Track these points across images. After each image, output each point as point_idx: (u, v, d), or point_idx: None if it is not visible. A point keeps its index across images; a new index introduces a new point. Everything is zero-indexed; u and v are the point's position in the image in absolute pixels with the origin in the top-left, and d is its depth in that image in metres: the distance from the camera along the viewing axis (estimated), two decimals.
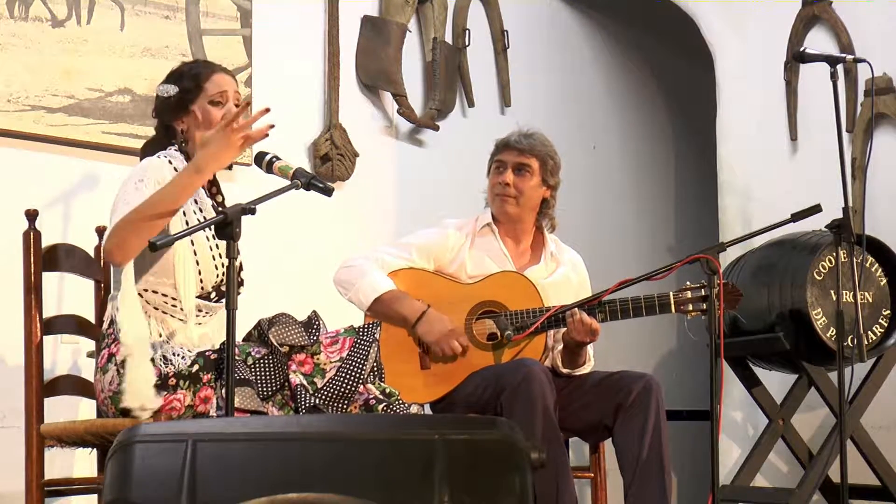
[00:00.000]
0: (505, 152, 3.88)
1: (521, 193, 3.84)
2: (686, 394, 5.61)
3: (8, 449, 3.78)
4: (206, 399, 3.02)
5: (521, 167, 3.84)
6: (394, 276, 3.76)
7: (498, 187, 3.86)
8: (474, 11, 5.43)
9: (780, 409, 4.75)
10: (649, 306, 3.64)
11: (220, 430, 2.14)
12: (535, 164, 3.84)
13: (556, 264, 3.90)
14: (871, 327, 4.48)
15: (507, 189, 3.83)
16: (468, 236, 3.87)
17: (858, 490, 4.60)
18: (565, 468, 3.57)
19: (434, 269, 3.82)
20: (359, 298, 3.72)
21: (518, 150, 3.85)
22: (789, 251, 4.57)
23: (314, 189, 3.04)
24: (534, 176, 3.84)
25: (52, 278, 3.60)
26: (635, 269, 4.36)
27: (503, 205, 3.86)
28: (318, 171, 4.78)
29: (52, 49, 4.17)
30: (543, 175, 3.85)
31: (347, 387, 3.05)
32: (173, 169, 3.17)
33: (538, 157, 3.84)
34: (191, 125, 3.23)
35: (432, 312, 3.68)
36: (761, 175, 5.25)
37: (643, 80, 6.33)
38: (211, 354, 3.07)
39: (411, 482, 2.01)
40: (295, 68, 4.85)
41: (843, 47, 4.91)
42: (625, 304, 3.64)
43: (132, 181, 3.11)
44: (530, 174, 3.84)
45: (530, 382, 3.46)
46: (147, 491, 2.06)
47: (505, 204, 3.85)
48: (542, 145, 3.87)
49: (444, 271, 3.83)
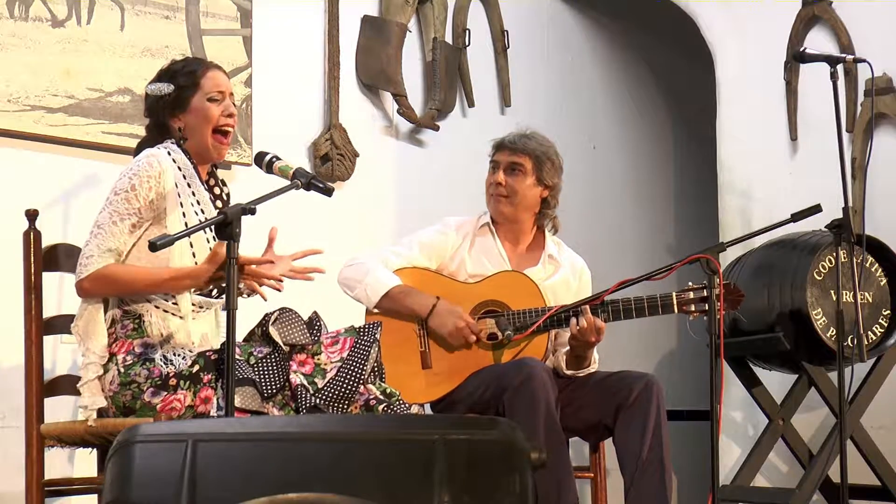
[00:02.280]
0: (499, 152, 3.90)
1: (513, 193, 3.84)
2: (686, 394, 5.61)
3: (8, 449, 3.78)
4: (207, 399, 3.02)
5: (513, 166, 3.85)
6: (397, 274, 3.77)
7: (491, 187, 3.88)
8: (474, 11, 5.43)
9: (780, 409, 4.75)
10: (652, 306, 3.64)
11: (220, 430, 2.14)
12: (529, 163, 3.84)
13: (555, 267, 3.89)
14: (871, 327, 4.47)
15: (499, 188, 3.85)
16: (467, 236, 3.88)
17: (858, 490, 4.59)
18: (567, 468, 3.57)
19: (436, 269, 3.83)
20: (366, 295, 3.72)
21: (511, 149, 3.86)
22: (789, 251, 4.56)
23: (314, 189, 3.04)
24: (527, 176, 3.84)
25: (52, 278, 3.60)
26: (635, 269, 4.36)
27: (497, 204, 3.87)
28: (318, 171, 4.78)
29: (52, 49, 4.17)
30: (538, 175, 3.85)
31: (348, 387, 3.05)
32: (172, 161, 3.16)
33: (531, 156, 3.84)
34: (188, 122, 3.23)
35: (443, 304, 3.69)
36: (761, 175, 5.24)
37: (643, 80, 6.33)
38: (211, 355, 3.07)
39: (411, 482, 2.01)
40: (295, 68, 4.85)
41: (843, 47, 4.91)
42: (627, 304, 3.65)
43: (122, 192, 3.11)
44: (523, 174, 3.84)
45: (532, 382, 3.46)
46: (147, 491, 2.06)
47: (498, 203, 3.86)
48: (538, 145, 3.87)
49: (444, 270, 3.83)
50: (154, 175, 3.11)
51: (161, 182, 3.11)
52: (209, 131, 3.21)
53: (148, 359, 3.07)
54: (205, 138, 3.21)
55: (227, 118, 3.23)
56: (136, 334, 3.11)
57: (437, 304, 3.70)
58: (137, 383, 3.05)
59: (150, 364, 3.06)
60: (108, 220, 3.08)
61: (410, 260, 3.81)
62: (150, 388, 3.04)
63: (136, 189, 3.09)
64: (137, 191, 3.09)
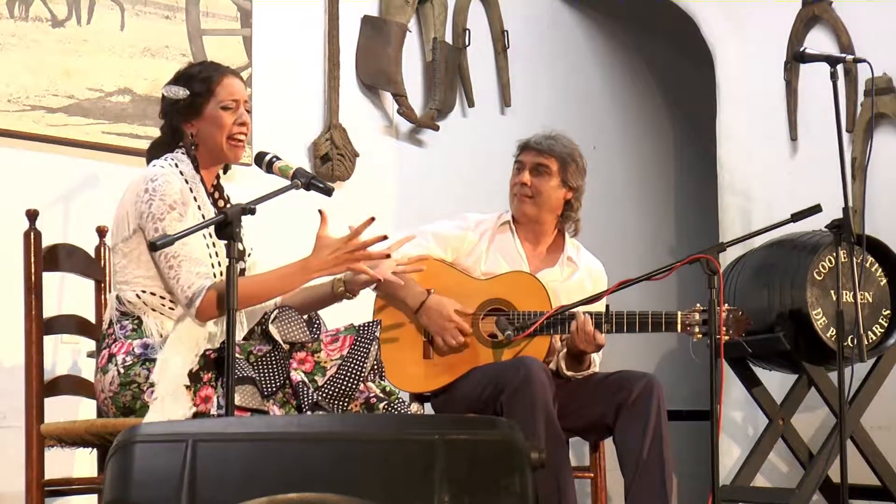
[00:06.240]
0: (524, 153, 3.89)
1: (538, 193, 3.84)
2: (686, 394, 5.61)
3: (8, 449, 3.78)
4: (207, 399, 3.02)
5: (539, 167, 3.85)
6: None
7: (516, 187, 3.88)
8: (474, 11, 5.43)
9: (780, 409, 4.74)
10: (656, 323, 3.64)
11: (220, 430, 2.14)
12: (554, 164, 3.84)
13: (573, 269, 3.89)
14: (871, 327, 4.47)
15: (524, 189, 3.85)
16: (485, 233, 3.88)
17: (858, 490, 4.59)
18: (566, 468, 3.57)
19: (451, 261, 3.83)
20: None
21: (537, 150, 3.86)
22: (789, 251, 4.56)
23: (314, 189, 3.05)
24: (552, 177, 3.85)
25: (53, 278, 3.60)
26: (635, 269, 4.36)
27: (520, 204, 3.87)
28: (318, 171, 4.78)
29: (52, 49, 4.17)
30: (563, 176, 3.85)
31: (348, 385, 3.05)
32: (179, 173, 3.17)
33: (557, 157, 3.85)
34: (201, 128, 3.23)
35: (433, 300, 3.69)
36: (761, 175, 5.24)
37: (643, 80, 6.33)
38: (211, 354, 3.07)
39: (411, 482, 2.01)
40: (295, 68, 4.85)
41: (843, 47, 4.91)
42: (632, 318, 3.64)
43: (166, 216, 3.08)
44: (549, 175, 3.84)
45: (531, 382, 3.46)
46: (147, 491, 2.06)
47: (522, 204, 3.86)
48: (563, 147, 3.87)
49: (458, 264, 3.83)
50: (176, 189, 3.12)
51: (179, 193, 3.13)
52: (223, 138, 3.21)
53: (148, 359, 3.07)
54: (218, 143, 3.21)
55: (239, 127, 3.23)
56: (136, 335, 3.11)
57: (426, 300, 3.69)
58: (137, 384, 3.05)
59: (150, 364, 3.06)
60: (180, 245, 3.06)
61: (425, 248, 3.82)
62: (150, 389, 3.03)
63: (176, 206, 3.10)
64: (177, 206, 3.10)
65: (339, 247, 3.11)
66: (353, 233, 3.12)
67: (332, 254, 3.11)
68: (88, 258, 3.59)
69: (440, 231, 3.86)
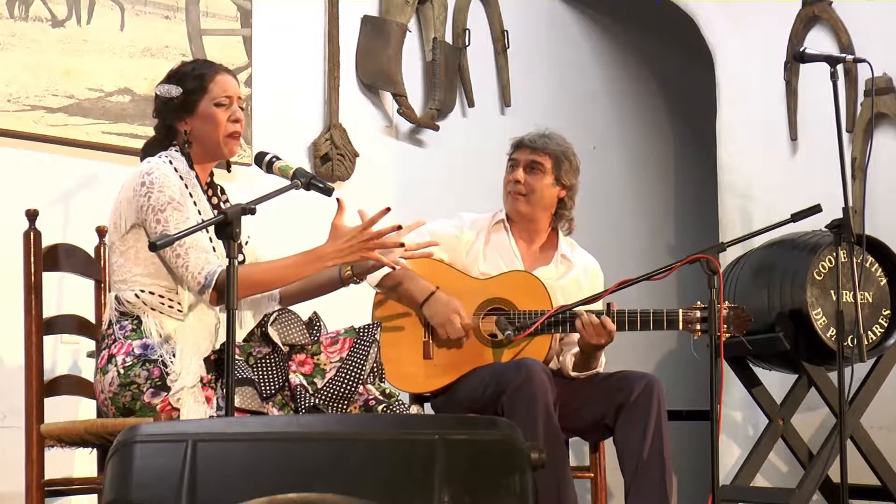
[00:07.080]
0: (518, 151, 3.89)
1: (532, 191, 3.84)
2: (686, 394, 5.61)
3: (8, 449, 3.79)
4: (207, 399, 3.02)
5: (533, 165, 3.85)
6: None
7: (510, 185, 3.88)
8: (474, 11, 5.43)
9: (780, 409, 4.75)
10: (657, 321, 3.64)
11: (220, 430, 2.14)
12: (548, 162, 3.85)
13: (568, 267, 3.89)
14: (871, 327, 4.48)
15: (517, 186, 3.85)
16: (481, 232, 3.88)
17: (858, 490, 4.60)
18: (566, 468, 3.57)
19: (448, 261, 3.83)
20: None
21: (531, 148, 3.86)
22: (789, 251, 4.56)
23: (314, 189, 3.05)
24: (546, 174, 3.85)
25: (52, 278, 3.60)
26: (635, 269, 4.36)
27: (514, 202, 3.87)
28: (318, 171, 4.78)
29: (52, 49, 4.17)
30: (557, 174, 3.85)
31: (347, 387, 3.05)
32: (174, 170, 3.16)
33: (551, 155, 3.85)
34: (195, 126, 3.22)
35: (440, 294, 3.69)
36: (761, 175, 5.24)
37: (643, 80, 6.32)
38: (211, 355, 3.07)
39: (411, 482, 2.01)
40: (295, 68, 4.85)
41: (843, 47, 4.91)
42: (633, 316, 3.64)
43: (167, 207, 3.08)
44: (542, 172, 3.85)
45: (531, 382, 3.46)
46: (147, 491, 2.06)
47: (516, 202, 3.86)
48: (557, 145, 3.87)
49: (457, 264, 3.83)
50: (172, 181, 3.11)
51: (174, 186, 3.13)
52: (218, 135, 3.21)
53: (147, 360, 3.06)
54: (213, 140, 3.21)
55: (233, 123, 3.22)
56: (136, 335, 3.11)
57: (434, 292, 3.69)
58: (137, 384, 3.05)
59: (150, 365, 3.06)
60: (187, 235, 3.05)
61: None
62: (149, 389, 3.03)
63: (175, 197, 3.09)
64: (176, 198, 3.09)
65: (354, 235, 3.10)
66: (367, 222, 3.11)
67: (347, 242, 3.10)
68: (88, 258, 3.59)
69: (437, 230, 3.86)
